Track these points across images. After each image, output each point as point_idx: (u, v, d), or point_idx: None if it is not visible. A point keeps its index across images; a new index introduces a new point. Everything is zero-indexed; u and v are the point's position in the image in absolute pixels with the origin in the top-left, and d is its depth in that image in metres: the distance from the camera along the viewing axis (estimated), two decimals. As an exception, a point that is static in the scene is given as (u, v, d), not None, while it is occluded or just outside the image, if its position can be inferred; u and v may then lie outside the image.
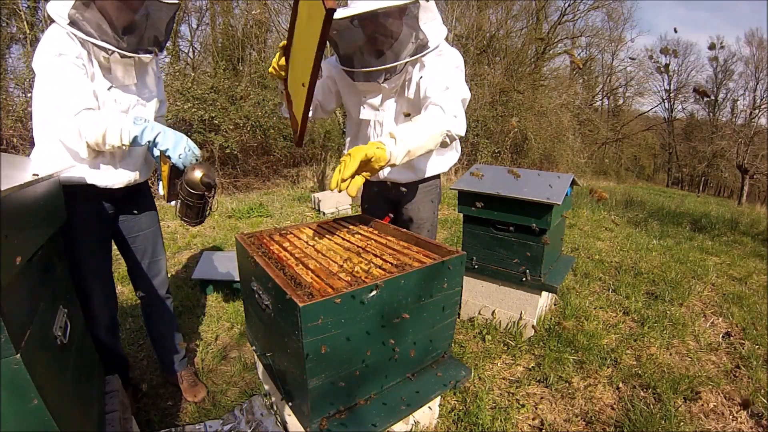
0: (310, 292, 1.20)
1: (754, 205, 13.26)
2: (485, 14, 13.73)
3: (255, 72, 9.91)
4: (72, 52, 1.32)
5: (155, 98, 1.61)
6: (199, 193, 1.45)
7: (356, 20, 1.46)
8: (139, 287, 1.81)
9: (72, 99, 1.29)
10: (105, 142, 1.31)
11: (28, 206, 0.93)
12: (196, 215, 1.54)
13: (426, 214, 1.91)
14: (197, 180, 1.42)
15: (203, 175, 1.42)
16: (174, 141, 1.36)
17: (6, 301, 0.75)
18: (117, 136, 1.31)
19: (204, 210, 1.54)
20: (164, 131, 1.36)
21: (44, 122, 1.40)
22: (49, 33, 1.33)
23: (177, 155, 1.37)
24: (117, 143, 1.32)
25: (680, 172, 25.41)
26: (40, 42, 1.33)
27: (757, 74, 19.95)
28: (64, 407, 0.94)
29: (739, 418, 1.85)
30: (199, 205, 1.50)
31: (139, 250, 1.74)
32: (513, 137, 11.51)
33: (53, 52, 1.30)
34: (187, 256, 3.74)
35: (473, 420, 1.76)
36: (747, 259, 3.98)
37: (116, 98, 1.46)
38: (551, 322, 2.51)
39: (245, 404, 1.80)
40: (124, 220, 1.68)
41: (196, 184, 1.42)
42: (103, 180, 1.48)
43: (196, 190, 1.43)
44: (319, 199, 5.42)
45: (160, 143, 1.36)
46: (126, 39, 1.37)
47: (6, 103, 6.08)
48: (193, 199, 1.46)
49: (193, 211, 1.52)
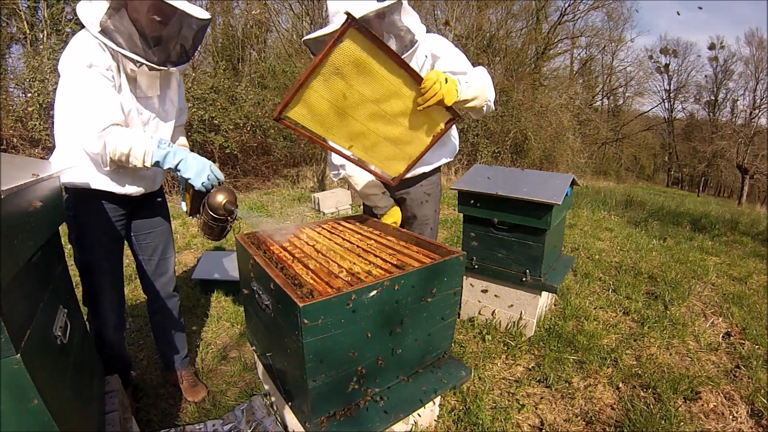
0: (310, 292, 1.20)
1: (754, 205, 13.28)
2: (485, 14, 13.74)
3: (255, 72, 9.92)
4: (102, 64, 1.31)
5: (175, 109, 1.62)
6: (222, 217, 1.48)
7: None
8: (147, 284, 1.82)
9: (100, 113, 1.29)
10: (128, 161, 1.33)
11: (28, 206, 0.93)
12: (219, 234, 1.57)
13: (428, 211, 1.93)
14: (220, 205, 1.45)
15: (227, 202, 1.45)
16: (196, 170, 1.37)
17: (6, 301, 0.75)
18: (140, 158, 1.33)
19: (225, 230, 1.57)
20: (186, 159, 1.36)
21: (67, 128, 1.40)
22: (80, 39, 1.31)
23: (200, 183, 1.39)
24: (139, 164, 1.34)
25: (680, 172, 25.43)
26: (69, 46, 1.32)
27: (757, 74, 19.96)
28: (64, 407, 0.94)
29: (739, 418, 1.85)
30: (221, 226, 1.53)
31: (150, 247, 1.76)
32: (513, 137, 11.51)
33: (84, 62, 1.29)
34: (187, 256, 3.74)
35: (473, 420, 1.76)
36: (747, 259, 3.98)
37: (139, 109, 1.46)
38: (551, 322, 2.51)
39: (245, 404, 1.80)
40: (139, 219, 1.70)
41: (218, 209, 1.45)
42: (122, 189, 1.50)
43: (219, 214, 1.46)
44: (319, 199, 5.42)
45: (182, 171, 1.37)
46: (155, 51, 1.36)
47: (6, 103, 6.08)
48: (215, 222, 1.49)
49: (215, 231, 1.54)
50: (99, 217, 1.53)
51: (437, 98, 1.35)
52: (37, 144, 6.02)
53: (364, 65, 1.28)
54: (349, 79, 1.29)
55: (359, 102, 1.36)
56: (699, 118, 24.01)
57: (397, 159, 1.58)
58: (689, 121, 24.71)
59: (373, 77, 1.32)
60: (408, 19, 1.57)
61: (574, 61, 20.84)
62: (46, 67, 5.88)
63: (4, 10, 6.69)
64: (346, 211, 5.47)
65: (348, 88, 1.31)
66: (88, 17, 1.28)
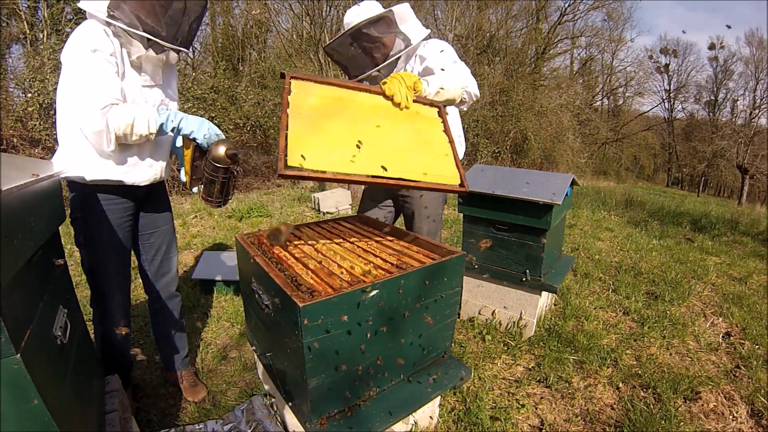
0: (310, 292, 1.20)
1: (754, 205, 13.27)
2: (485, 14, 13.74)
3: (255, 72, 9.92)
4: (107, 49, 1.34)
5: (176, 101, 1.68)
6: (225, 167, 1.50)
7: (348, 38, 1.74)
8: (149, 284, 1.82)
9: (101, 93, 1.31)
10: (133, 132, 1.36)
11: (28, 206, 0.93)
12: (221, 192, 1.57)
13: (428, 203, 2.00)
14: (222, 154, 1.47)
15: (227, 149, 1.47)
16: (198, 124, 1.45)
17: (6, 301, 0.75)
18: (145, 125, 1.37)
19: (228, 186, 1.58)
20: (186, 117, 1.45)
21: (69, 118, 1.41)
22: (84, 28, 1.34)
23: (202, 135, 1.46)
24: (145, 132, 1.38)
25: (680, 172, 25.42)
26: (72, 37, 1.34)
27: (757, 74, 19.97)
28: (64, 407, 0.94)
29: (739, 418, 1.85)
30: (224, 181, 1.54)
31: (155, 246, 1.76)
32: (513, 137, 11.51)
33: (88, 47, 1.31)
34: (187, 256, 3.74)
35: (473, 420, 1.76)
36: (747, 259, 3.98)
37: (146, 96, 1.51)
38: (551, 322, 2.51)
39: (245, 404, 1.80)
40: (144, 217, 1.71)
41: (222, 158, 1.48)
42: (130, 177, 1.51)
43: (222, 164, 1.49)
44: (319, 199, 5.42)
45: (184, 128, 1.44)
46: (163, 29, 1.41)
47: (6, 103, 6.08)
48: (217, 174, 1.50)
49: (216, 188, 1.54)
50: (107, 216, 1.53)
51: (402, 97, 1.46)
52: (37, 144, 6.02)
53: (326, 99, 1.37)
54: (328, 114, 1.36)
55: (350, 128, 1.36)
56: (699, 118, 24.03)
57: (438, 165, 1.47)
58: (689, 121, 24.71)
59: (344, 104, 1.40)
60: (405, 26, 1.70)
61: (574, 61, 20.87)
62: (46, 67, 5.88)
63: (4, 10, 6.69)
64: (346, 211, 5.47)
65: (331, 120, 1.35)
66: (94, 6, 1.32)
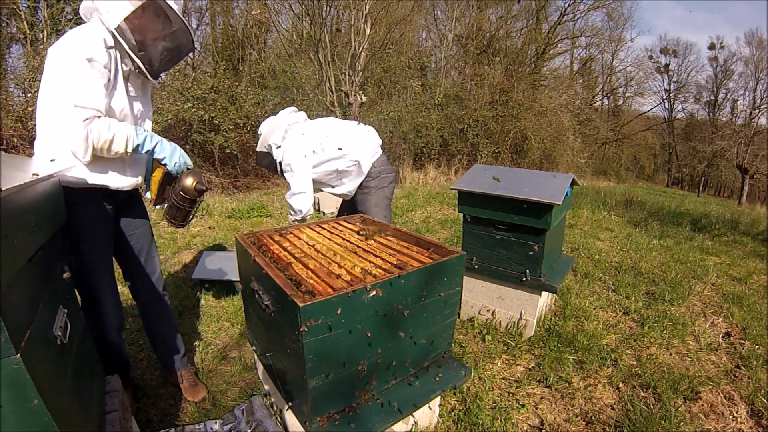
0: (310, 292, 1.20)
1: (754, 205, 13.26)
2: (485, 14, 13.73)
3: (255, 72, 9.92)
4: (101, 60, 1.36)
5: (151, 114, 1.73)
6: (191, 198, 1.59)
7: None
8: (137, 286, 1.82)
9: (86, 104, 1.33)
10: (111, 148, 1.40)
11: (28, 206, 0.93)
12: (183, 218, 1.67)
13: (368, 204, 2.42)
14: (190, 186, 1.56)
15: (196, 183, 1.58)
16: (170, 151, 1.52)
17: (6, 301, 0.75)
18: (123, 144, 1.41)
19: (190, 214, 1.68)
20: (161, 141, 1.52)
21: (51, 115, 1.40)
22: (83, 33, 1.34)
23: (173, 164, 1.53)
24: (121, 150, 1.42)
25: (680, 172, 25.41)
26: (67, 37, 1.35)
27: (757, 74, 19.95)
28: (64, 407, 0.94)
29: (739, 418, 1.85)
30: (188, 209, 1.63)
31: (136, 247, 1.77)
32: (513, 137, 11.51)
33: (84, 54, 1.32)
34: (187, 256, 3.74)
35: (473, 420, 1.76)
36: (747, 259, 3.98)
37: (133, 106, 1.54)
38: (551, 322, 2.51)
39: (245, 404, 1.80)
40: (122, 221, 1.72)
41: (189, 190, 1.57)
42: (115, 182, 1.54)
43: (189, 195, 1.57)
44: (319, 199, 5.42)
45: (158, 152, 1.51)
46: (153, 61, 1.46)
47: (6, 103, 6.08)
48: (184, 203, 1.60)
49: (181, 213, 1.64)
50: (94, 219, 1.54)
51: None
52: (37, 144, 6.01)
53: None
54: None
55: None
56: (699, 118, 24.02)
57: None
58: (689, 121, 24.71)
59: None
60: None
61: (574, 61, 20.83)
62: (46, 67, 5.87)
63: (4, 10, 6.69)
64: (346, 211, 5.46)
65: None
66: (111, 12, 1.35)
